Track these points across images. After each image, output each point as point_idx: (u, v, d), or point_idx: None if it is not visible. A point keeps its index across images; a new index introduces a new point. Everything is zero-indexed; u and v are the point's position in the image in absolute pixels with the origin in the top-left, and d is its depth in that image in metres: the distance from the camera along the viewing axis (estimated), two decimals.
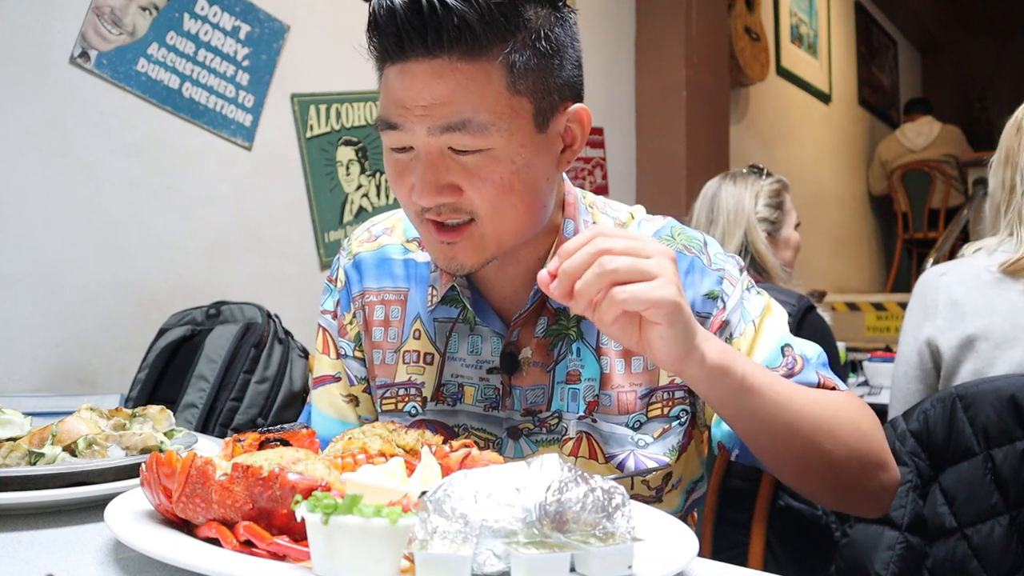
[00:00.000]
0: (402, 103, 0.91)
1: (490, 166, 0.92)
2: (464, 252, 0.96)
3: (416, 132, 0.91)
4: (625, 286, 0.79)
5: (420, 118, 0.90)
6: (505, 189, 0.93)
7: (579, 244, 0.81)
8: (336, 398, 1.18)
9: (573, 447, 1.06)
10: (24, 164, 2.12)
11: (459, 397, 1.09)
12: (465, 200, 0.93)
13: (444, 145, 0.91)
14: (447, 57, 0.89)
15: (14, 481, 0.89)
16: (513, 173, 0.92)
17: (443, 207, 0.94)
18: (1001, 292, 1.53)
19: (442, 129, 0.90)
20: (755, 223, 2.21)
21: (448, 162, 0.92)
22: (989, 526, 1.25)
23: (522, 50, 0.91)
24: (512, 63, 0.90)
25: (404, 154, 0.95)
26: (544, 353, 1.06)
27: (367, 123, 2.96)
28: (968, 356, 1.55)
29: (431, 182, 0.92)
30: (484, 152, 0.91)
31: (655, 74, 4.20)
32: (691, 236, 1.10)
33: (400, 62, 0.91)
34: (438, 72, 0.89)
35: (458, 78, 0.89)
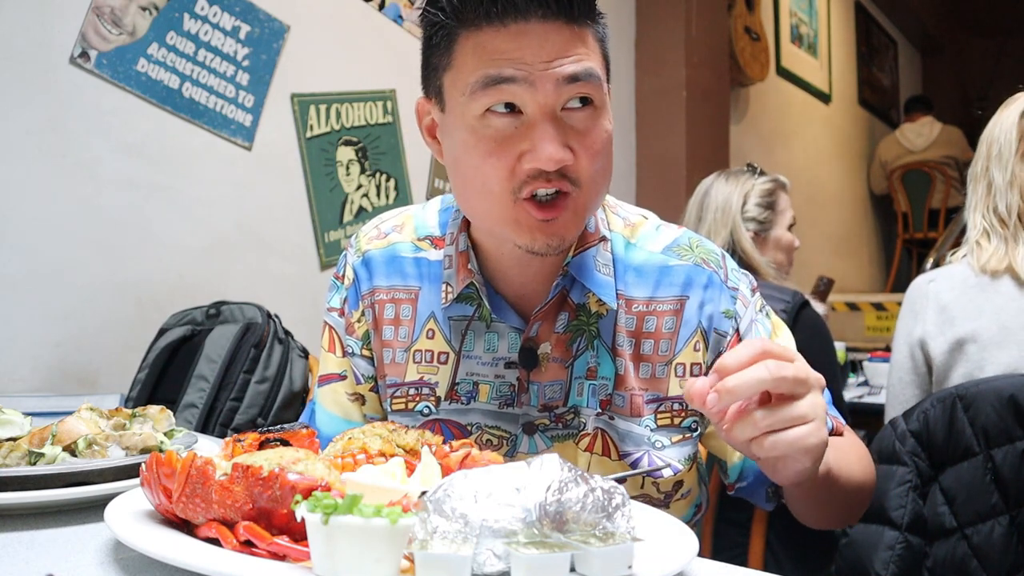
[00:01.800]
0: (522, 59, 0.92)
1: (597, 124, 0.96)
2: (565, 225, 0.96)
3: (539, 87, 0.92)
4: (780, 435, 0.78)
5: (544, 72, 0.92)
6: (604, 151, 0.97)
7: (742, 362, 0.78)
8: (341, 396, 1.18)
9: (589, 443, 1.06)
10: (24, 164, 2.12)
11: (473, 395, 1.09)
12: (575, 166, 0.94)
13: (563, 101, 0.93)
14: (565, 20, 0.93)
15: (14, 481, 0.89)
16: (608, 135, 0.97)
17: (554, 174, 0.93)
18: (988, 295, 1.54)
19: (568, 79, 0.92)
20: (740, 222, 2.21)
21: (562, 123, 0.94)
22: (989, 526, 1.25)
23: (602, 28, 0.99)
24: (599, 33, 0.98)
25: (509, 119, 0.93)
26: (563, 348, 1.06)
27: (367, 123, 2.96)
28: (958, 360, 1.56)
29: (557, 139, 0.92)
30: (594, 109, 0.95)
31: (655, 74, 4.20)
32: (709, 249, 1.10)
33: (513, 23, 0.92)
34: (557, 30, 0.93)
35: (574, 36, 0.94)
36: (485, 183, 0.95)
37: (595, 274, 1.05)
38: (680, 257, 1.07)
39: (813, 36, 6.31)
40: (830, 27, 6.62)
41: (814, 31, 6.33)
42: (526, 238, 0.96)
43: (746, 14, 4.89)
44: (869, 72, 7.60)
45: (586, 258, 1.05)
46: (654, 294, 1.06)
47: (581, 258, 1.04)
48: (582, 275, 1.04)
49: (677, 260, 1.07)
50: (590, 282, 1.04)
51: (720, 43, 4.46)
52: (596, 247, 1.06)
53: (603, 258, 1.06)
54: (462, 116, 0.95)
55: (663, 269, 1.07)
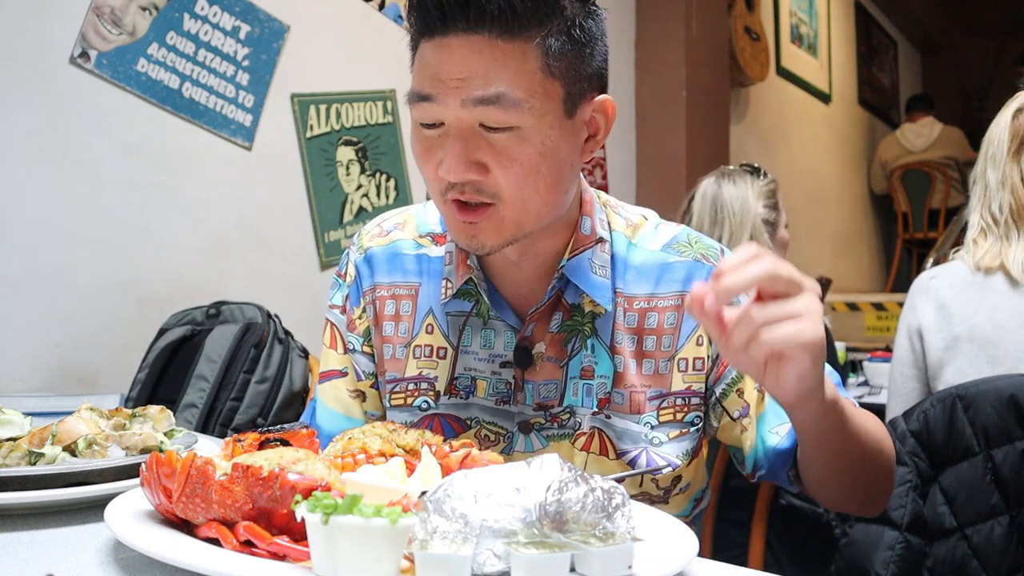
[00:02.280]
0: (437, 75, 0.92)
1: (519, 146, 0.93)
2: (485, 232, 0.97)
3: (449, 104, 0.92)
4: (776, 328, 0.78)
5: (454, 90, 0.91)
6: (531, 170, 0.94)
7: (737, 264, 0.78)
8: (342, 393, 1.18)
9: (585, 442, 1.06)
10: (24, 164, 2.12)
11: (472, 391, 1.09)
12: (490, 181, 0.94)
13: (476, 120, 0.92)
14: (487, 34, 0.90)
15: (14, 481, 0.89)
16: (540, 155, 0.94)
17: (467, 186, 0.94)
18: (984, 294, 1.55)
19: (476, 102, 0.91)
20: (760, 224, 2.21)
21: (478, 139, 0.93)
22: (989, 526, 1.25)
23: (558, 35, 0.93)
24: (548, 46, 0.92)
25: (433, 130, 0.95)
26: (558, 348, 1.06)
27: (367, 123, 2.96)
28: (953, 357, 1.57)
29: (460, 156, 0.92)
30: (514, 131, 0.92)
31: (655, 74, 4.20)
32: (708, 244, 1.11)
33: (439, 36, 0.92)
34: (476, 47, 0.91)
35: (495, 54, 0.91)
36: (426, 180, 1.00)
37: (591, 276, 1.05)
38: (680, 254, 1.08)
39: (813, 36, 6.31)
40: (830, 27, 6.62)
41: (814, 31, 6.33)
42: (453, 234, 1.01)
43: (746, 14, 4.89)
44: (869, 72, 7.60)
45: (581, 260, 1.05)
46: (655, 290, 1.06)
47: (576, 261, 1.05)
48: (577, 277, 1.05)
49: (677, 256, 1.08)
50: (585, 284, 1.05)
51: (720, 43, 4.46)
52: (592, 249, 1.06)
53: (600, 259, 1.06)
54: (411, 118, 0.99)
55: (663, 266, 1.07)
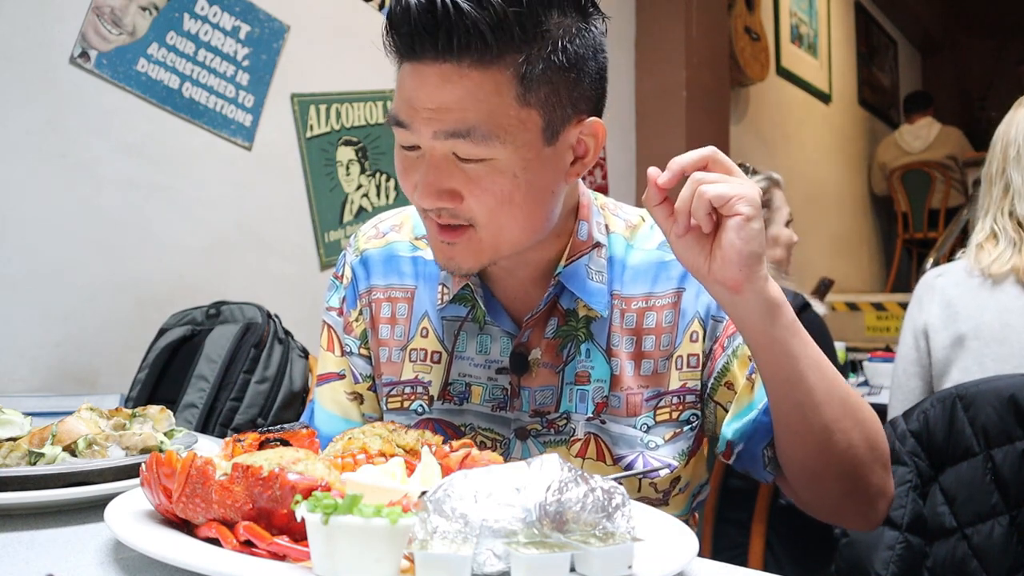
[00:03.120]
0: (411, 103, 0.91)
1: (492, 177, 0.91)
2: (462, 255, 0.97)
3: (422, 133, 0.91)
4: (715, 184, 0.85)
5: (426, 121, 0.90)
6: (505, 200, 0.92)
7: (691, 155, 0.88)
8: (340, 395, 1.18)
9: (580, 448, 1.06)
10: (24, 164, 2.12)
11: (466, 396, 1.09)
12: (464, 207, 0.93)
13: (448, 150, 0.91)
14: (457, 63, 0.88)
15: (14, 481, 0.89)
16: (515, 186, 0.92)
17: (442, 211, 0.94)
18: (993, 293, 1.55)
19: (446, 135, 0.90)
20: None
21: (451, 167, 0.92)
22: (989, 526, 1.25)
23: (536, 62, 0.89)
24: (524, 74, 0.89)
25: (412, 152, 0.95)
26: (554, 354, 1.06)
27: (367, 123, 2.96)
28: (959, 355, 1.56)
29: (432, 184, 0.92)
30: (487, 162, 0.91)
31: (655, 74, 4.20)
32: None
33: (413, 62, 0.91)
34: (447, 77, 0.88)
35: (467, 85, 0.88)
36: (406, 194, 0.99)
37: (587, 282, 1.05)
38: None
39: (813, 36, 6.31)
40: (830, 27, 6.62)
41: (814, 31, 6.33)
42: (433, 251, 1.01)
43: (746, 14, 4.89)
44: (869, 72, 7.60)
45: (578, 267, 1.05)
46: (652, 289, 1.06)
47: (573, 267, 1.05)
48: (573, 284, 1.05)
49: (672, 255, 1.07)
50: (581, 291, 1.04)
51: (720, 43, 4.46)
52: (589, 255, 1.06)
53: (596, 265, 1.06)
54: None
55: (659, 264, 1.07)
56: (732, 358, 1.05)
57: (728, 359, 1.06)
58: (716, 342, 1.06)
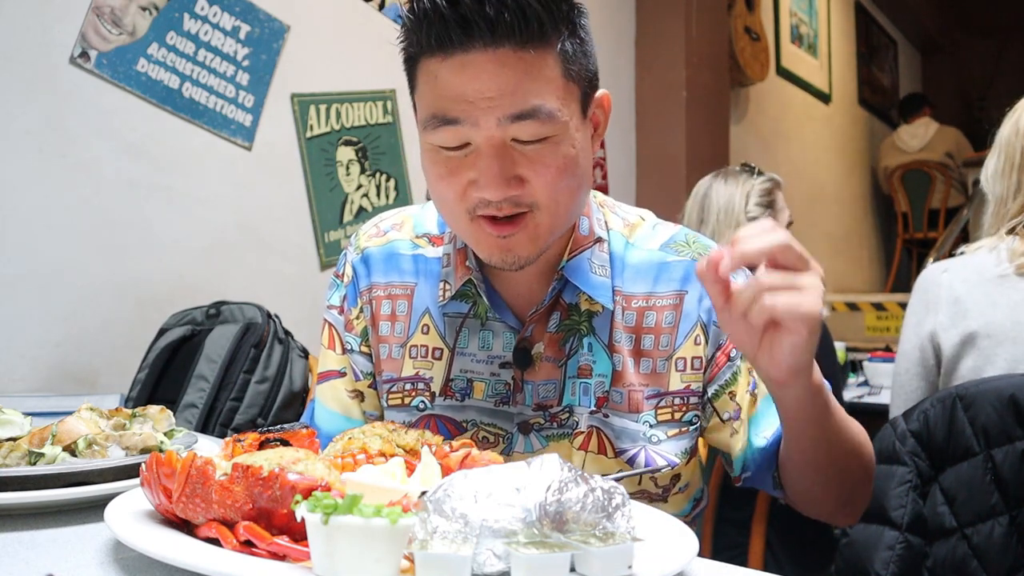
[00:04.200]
0: (464, 96, 0.90)
1: (554, 152, 0.93)
2: (520, 244, 0.96)
3: (481, 125, 0.91)
4: (779, 295, 0.80)
5: (486, 110, 0.90)
6: (565, 174, 0.94)
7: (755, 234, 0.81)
8: (341, 393, 1.18)
9: (583, 442, 1.06)
10: (24, 164, 2.12)
11: (468, 392, 1.09)
12: (527, 192, 0.93)
13: (509, 136, 0.91)
14: (511, 46, 0.89)
15: (14, 481, 0.89)
16: (572, 158, 0.94)
17: (505, 202, 0.93)
18: (1004, 290, 1.53)
19: (512, 118, 0.90)
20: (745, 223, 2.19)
21: (512, 153, 0.92)
22: (989, 526, 1.24)
23: (571, 38, 0.93)
24: (565, 50, 0.92)
25: (458, 151, 0.94)
26: (556, 348, 1.07)
27: (367, 123, 2.96)
28: (968, 352, 1.54)
29: (499, 175, 0.91)
30: (549, 139, 0.92)
31: (655, 74, 4.20)
32: (705, 244, 1.11)
33: (459, 54, 0.90)
34: (502, 62, 0.89)
35: (524, 66, 0.90)
36: (443, 201, 0.98)
37: (590, 276, 1.05)
38: (678, 253, 1.08)
39: (813, 36, 6.31)
40: (830, 27, 6.62)
41: (814, 31, 6.33)
42: (484, 253, 0.99)
43: (746, 14, 4.89)
44: (869, 72, 7.60)
45: (580, 261, 1.06)
46: (653, 289, 1.07)
47: (576, 261, 1.05)
48: (576, 278, 1.05)
49: (675, 256, 1.08)
50: (585, 285, 1.05)
51: (720, 43, 4.46)
52: (591, 249, 1.07)
53: (599, 259, 1.07)
54: (422, 139, 0.97)
55: (661, 265, 1.07)
56: (738, 372, 1.07)
57: (735, 371, 1.07)
58: (720, 349, 1.07)
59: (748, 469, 1.09)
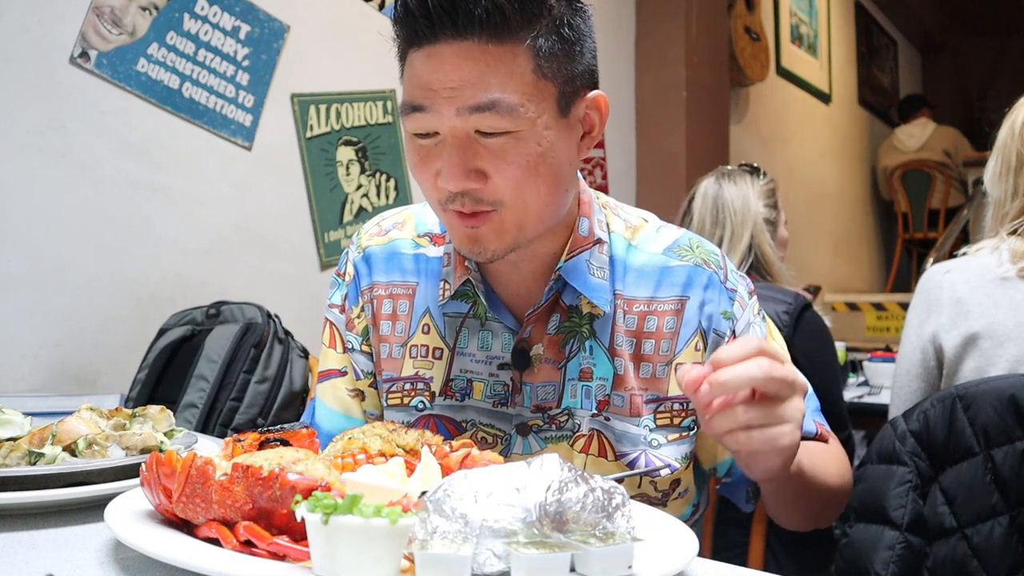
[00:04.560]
0: (429, 85, 0.92)
1: (516, 148, 0.92)
2: (487, 237, 0.97)
3: (443, 114, 0.91)
4: (756, 432, 0.81)
5: (448, 100, 0.91)
6: (530, 172, 0.93)
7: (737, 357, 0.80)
8: (342, 392, 1.18)
9: (584, 444, 1.06)
10: (24, 164, 2.12)
11: (468, 392, 1.09)
12: (489, 188, 0.93)
13: (471, 128, 0.92)
14: (476, 40, 0.90)
15: (14, 481, 0.89)
16: (538, 156, 0.93)
17: (467, 197, 0.94)
18: (1006, 291, 1.53)
19: (471, 110, 0.90)
20: (762, 224, 2.19)
21: (475, 146, 0.92)
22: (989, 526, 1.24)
23: (547, 35, 0.92)
24: (538, 47, 0.91)
25: (428, 139, 0.95)
26: (556, 350, 1.06)
27: (367, 123, 2.96)
28: (970, 354, 1.54)
29: (458, 165, 0.92)
30: (511, 134, 0.92)
31: (655, 74, 4.20)
32: (709, 250, 1.11)
33: (428, 45, 0.92)
34: (467, 54, 0.90)
35: (487, 59, 0.90)
36: (421, 186, 0.99)
37: (588, 278, 1.05)
38: (681, 258, 1.08)
39: (813, 36, 6.31)
40: (830, 27, 6.62)
41: (814, 31, 6.32)
42: (456, 242, 1.01)
43: (746, 14, 4.89)
44: (869, 72, 7.60)
45: (579, 262, 1.05)
46: (655, 294, 1.06)
47: (573, 262, 1.05)
48: (574, 279, 1.04)
49: (678, 261, 1.08)
50: (582, 286, 1.04)
51: (720, 43, 4.46)
52: (590, 250, 1.06)
53: (598, 261, 1.06)
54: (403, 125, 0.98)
55: (664, 270, 1.07)
56: None
57: None
58: None
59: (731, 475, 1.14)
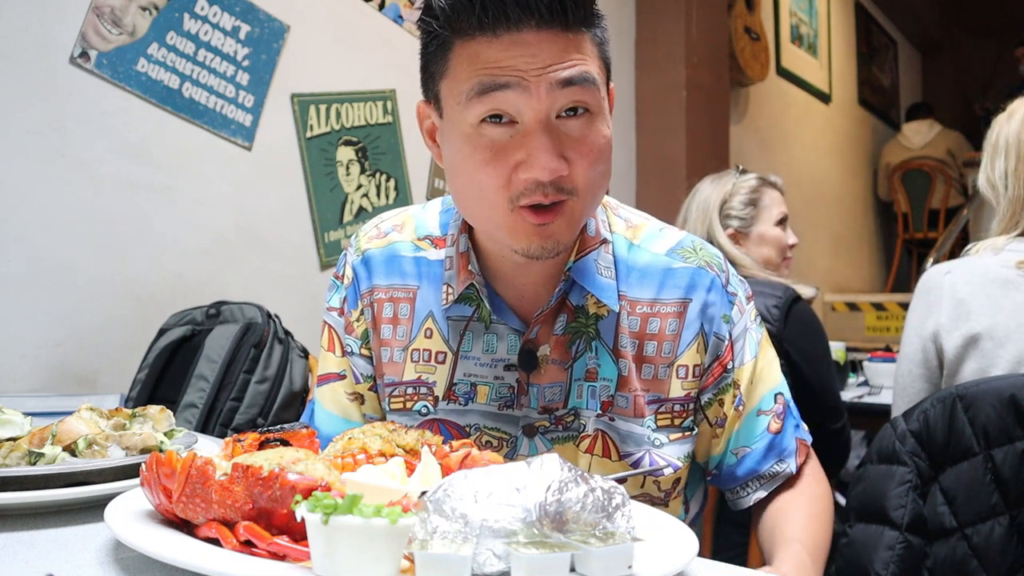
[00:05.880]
0: (515, 67, 0.91)
1: (592, 131, 0.95)
2: (560, 230, 0.96)
3: (532, 90, 0.91)
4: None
5: (537, 77, 0.91)
6: (600, 158, 0.96)
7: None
8: (340, 396, 1.18)
9: (589, 445, 1.06)
10: (24, 164, 2.12)
11: (471, 396, 1.09)
12: (570, 175, 0.94)
13: (559, 108, 0.92)
14: (558, 27, 0.92)
15: (14, 481, 0.89)
16: (606, 140, 0.96)
17: (551, 186, 0.93)
18: (1007, 291, 1.52)
19: (563, 83, 0.92)
20: (716, 219, 2.29)
21: (558, 132, 0.93)
22: (989, 526, 1.24)
23: (601, 28, 0.98)
24: (597, 36, 0.97)
25: (503, 129, 0.93)
26: (562, 350, 1.06)
27: (367, 123, 2.96)
28: (971, 354, 1.54)
29: (552, 151, 0.91)
30: (589, 115, 0.94)
31: (655, 74, 4.20)
32: (712, 253, 1.11)
33: (509, 33, 0.92)
34: (554, 39, 0.92)
35: (572, 42, 0.93)
36: (482, 190, 0.95)
37: (597, 277, 1.05)
38: (684, 259, 1.08)
39: (813, 36, 6.31)
40: (830, 27, 6.62)
41: (814, 31, 6.32)
42: (523, 243, 0.97)
43: (746, 14, 4.89)
44: (869, 72, 7.60)
45: (587, 262, 1.05)
46: (658, 296, 1.06)
47: (583, 262, 1.05)
48: (584, 279, 1.04)
49: (681, 262, 1.08)
50: (592, 286, 1.04)
51: (720, 43, 4.46)
52: (597, 250, 1.06)
53: (604, 260, 1.06)
54: (458, 124, 0.95)
55: (667, 271, 1.07)
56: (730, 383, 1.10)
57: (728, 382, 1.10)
58: (717, 361, 1.08)
59: (719, 470, 1.14)
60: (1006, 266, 1.54)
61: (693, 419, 1.08)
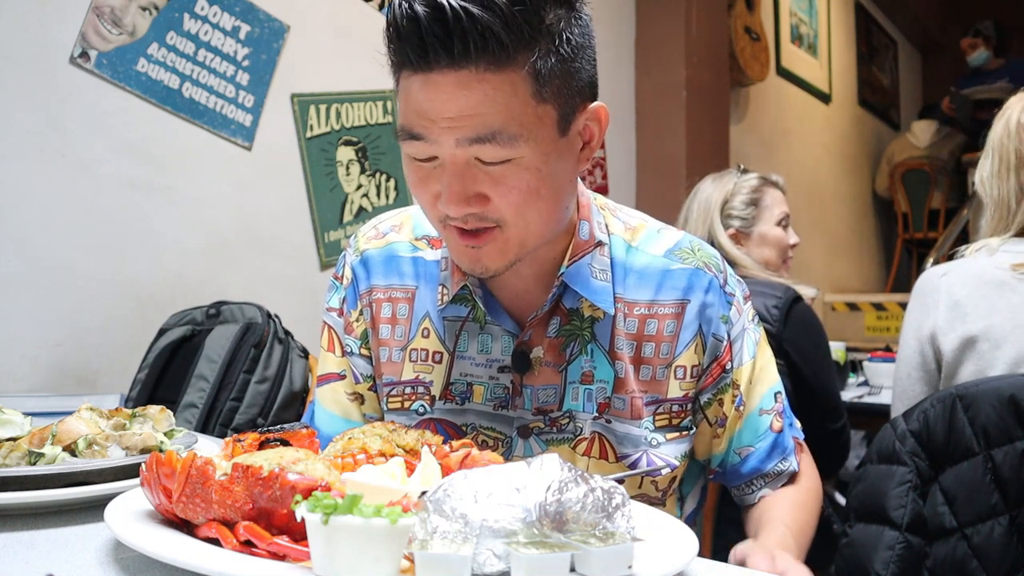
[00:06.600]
0: (426, 115, 0.89)
1: (517, 174, 0.91)
2: (489, 256, 0.96)
3: (442, 144, 0.89)
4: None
5: (446, 130, 0.88)
6: (531, 195, 0.92)
7: None
8: (341, 396, 1.18)
9: (586, 447, 1.06)
10: (24, 164, 2.12)
11: (468, 396, 1.09)
12: (491, 208, 0.92)
13: (471, 156, 0.90)
14: (473, 68, 0.86)
15: (14, 481, 0.89)
16: (539, 179, 0.91)
17: (469, 216, 0.92)
18: (1003, 293, 1.52)
19: (470, 141, 0.88)
20: (717, 219, 2.28)
21: (475, 172, 0.91)
22: (989, 526, 1.24)
23: (546, 57, 0.88)
24: (537, 71, 0.88)
25: (427, 163, 0.93)
26: (556, 353, 1.06)
27: (367, 123, 2.96)
28: (969, 356, 1.54)
29: (459, 193, 0.91)
30: (512, 161, 0.90)
31: (655, 74, 4.20)
32: (710, 254, 1.11)
33: (423, 72, 0.88)
34: (464, 83, 0.86)
35: (485, 89, 0.86)
36: (420, 203, 0.99)
37: (591, 281, 1.05)
38: (682, 260, 1.08)
39: (813, 36, 6.30)
40: (830, 27, 6.62)
41: (814, 31, 6.32)
42: (456, 258, 1.00)
43: (746, 14, 4.89)
44: (869, 72, 7.60)
45: (581, 267, 1.05)
46: (656, 297, 1.06)
47: (576, 267, 1.05)
48: (577, 284, 1.04)
49: (679, 264, 1.07)
50: (586, 291, 1.04)
51: (720, 43, 4.46)
52: (591, 254, 1.06)
53: (599, 263, 1.06)
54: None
55: (665, 272, 1.07)
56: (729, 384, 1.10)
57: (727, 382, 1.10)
58: (716, 361, 1.08)
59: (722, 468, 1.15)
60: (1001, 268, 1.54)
61: (691, 419, 1.08)
